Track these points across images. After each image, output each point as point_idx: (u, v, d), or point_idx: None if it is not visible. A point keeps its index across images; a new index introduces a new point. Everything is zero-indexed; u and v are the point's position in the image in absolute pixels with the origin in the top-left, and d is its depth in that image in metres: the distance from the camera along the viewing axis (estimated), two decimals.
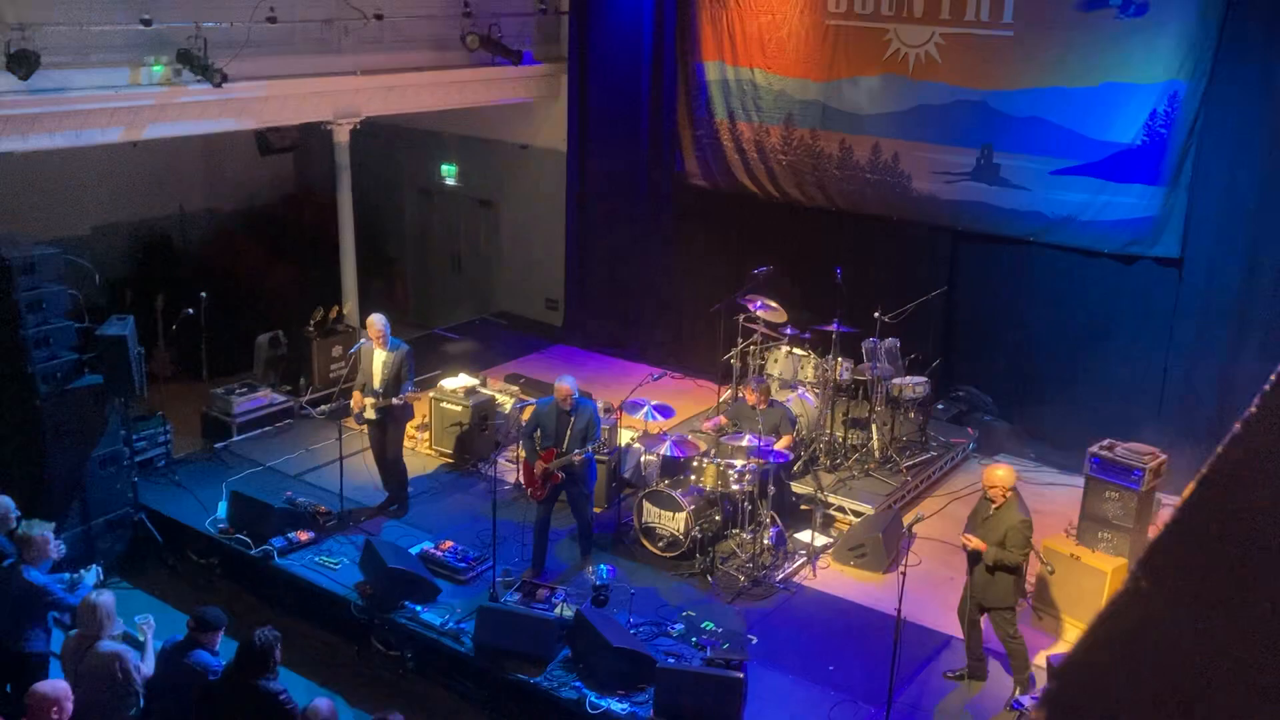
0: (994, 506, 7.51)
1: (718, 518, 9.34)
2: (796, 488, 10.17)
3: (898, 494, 10.31)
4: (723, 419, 10.09)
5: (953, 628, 8.18)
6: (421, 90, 13.13)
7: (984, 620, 7.88)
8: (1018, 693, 7.67)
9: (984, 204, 11.35)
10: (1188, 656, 0.78)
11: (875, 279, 11.31)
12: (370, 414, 9.68)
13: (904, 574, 7.29)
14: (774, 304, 10.79)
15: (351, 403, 9.86)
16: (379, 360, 9.66)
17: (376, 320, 9.75)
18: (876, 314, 10.46)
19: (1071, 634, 8.53)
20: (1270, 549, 0.84)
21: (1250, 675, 0.76)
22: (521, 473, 9.62)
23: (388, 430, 9.84)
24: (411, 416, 10.36)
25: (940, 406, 11.60)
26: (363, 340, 9.93)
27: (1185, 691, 0.76)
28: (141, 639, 6.52)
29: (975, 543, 7.46)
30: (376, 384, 9.66)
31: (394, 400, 9.57)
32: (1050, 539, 8.88)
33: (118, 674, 6.15)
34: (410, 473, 10.24)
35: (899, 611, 7.20)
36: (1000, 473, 7.56)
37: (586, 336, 14.27)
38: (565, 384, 8.89)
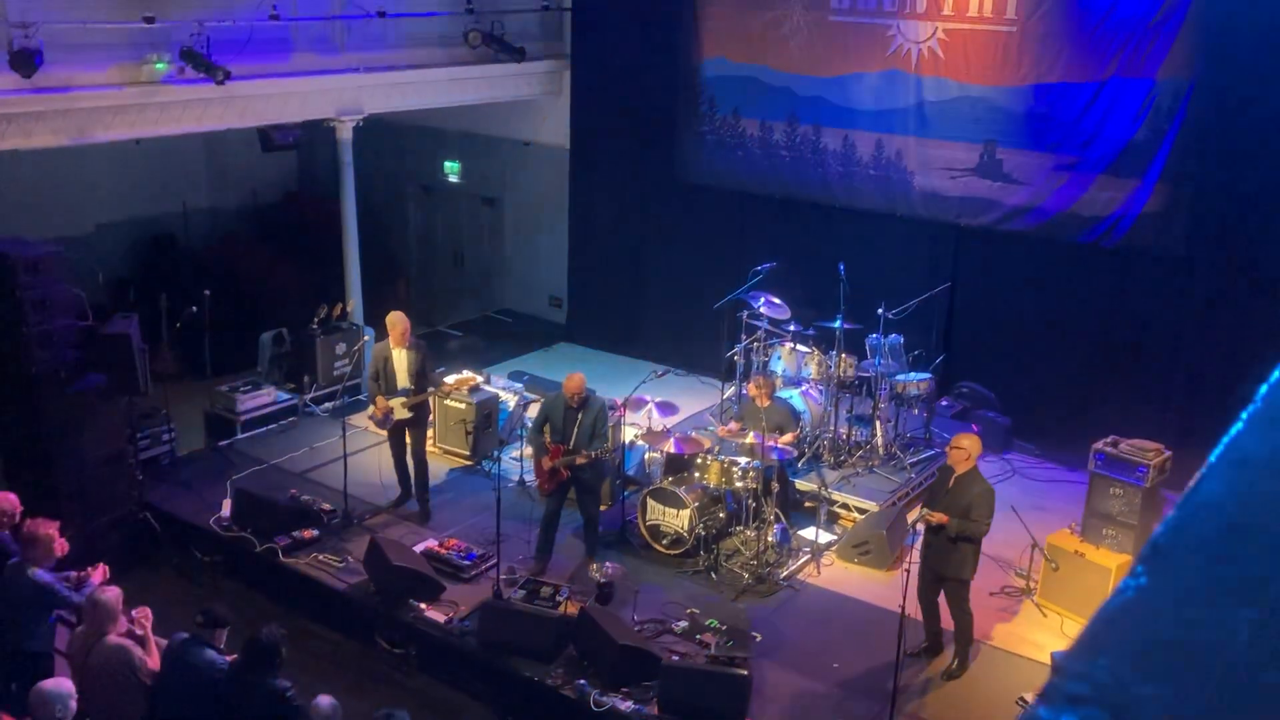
0: (955, 476, 7.62)
1: (722, 515, 9.33)
2: (800, 485, 10.17)
3: (901, 490, 10.31)
4: (735, 424, 10.06)
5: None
6: (424, 87, 13.14)
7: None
8: (955, 665, 7.89)
9: (987, 200, 11.34)
10: (1189, 652, 0.78)
11: (878, 275, 11.28)
12: (403, 413, 9.55)
13: (908, 571, 7.32)
14: (777, 300, 10.79)
15: (373, 410, 9.65)
16: (401, 358, 9.57)
17: (401, 319, 9.59)
18: (880, 310, 10.46)
19: (1074, 630, 8.52)
20: (1273, 545, 0.83)
21: (1251, 672, 0.76)
22: (535, 468, 9.59)
23: (413, 429, 9.74)
24: (430, 413, 10.23)
25: (943, 403, 11.59)
26: (366, 339, 9.87)
27: (1185, 687, 0.76)
28: (140, 632, 6.52)
29: (937, 517, 7.55)
30: (404, 382, 9.55)
31: (428, 391, 9.44)
32: (1054, 535, 8.87)
33: (125, 669, 6.17)
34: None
35: (902, 609, 7.20)
36: (967, 441, 7.73)
37: (590, 333, 14.28)
38: (575, 380, 8.85)
